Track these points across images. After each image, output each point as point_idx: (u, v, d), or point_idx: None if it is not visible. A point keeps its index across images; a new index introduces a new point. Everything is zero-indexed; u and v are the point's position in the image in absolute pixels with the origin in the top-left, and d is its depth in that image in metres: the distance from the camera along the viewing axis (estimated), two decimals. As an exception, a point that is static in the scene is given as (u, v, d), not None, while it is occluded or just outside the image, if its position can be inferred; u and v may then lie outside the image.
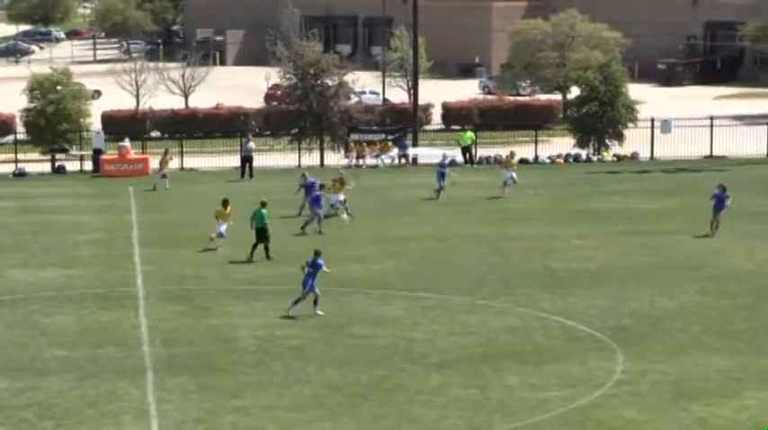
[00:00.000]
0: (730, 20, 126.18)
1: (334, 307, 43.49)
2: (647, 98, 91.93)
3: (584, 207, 63.09)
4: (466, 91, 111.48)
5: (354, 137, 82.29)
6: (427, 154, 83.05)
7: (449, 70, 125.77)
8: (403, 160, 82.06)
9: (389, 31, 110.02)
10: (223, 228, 52.38)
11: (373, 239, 54.14)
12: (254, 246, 50.99)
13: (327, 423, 32.10)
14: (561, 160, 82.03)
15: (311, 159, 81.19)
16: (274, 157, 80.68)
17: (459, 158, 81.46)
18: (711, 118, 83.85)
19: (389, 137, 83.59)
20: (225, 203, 52.83)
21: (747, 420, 31.89)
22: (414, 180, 72.97)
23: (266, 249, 51.04)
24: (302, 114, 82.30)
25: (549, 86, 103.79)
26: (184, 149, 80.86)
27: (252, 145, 77.00)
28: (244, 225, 51.65)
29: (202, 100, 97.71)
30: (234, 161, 77.43)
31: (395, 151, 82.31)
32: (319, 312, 41.74)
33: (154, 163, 74.71)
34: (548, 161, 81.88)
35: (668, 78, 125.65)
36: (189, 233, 56.57)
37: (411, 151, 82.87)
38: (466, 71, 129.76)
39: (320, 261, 41.98)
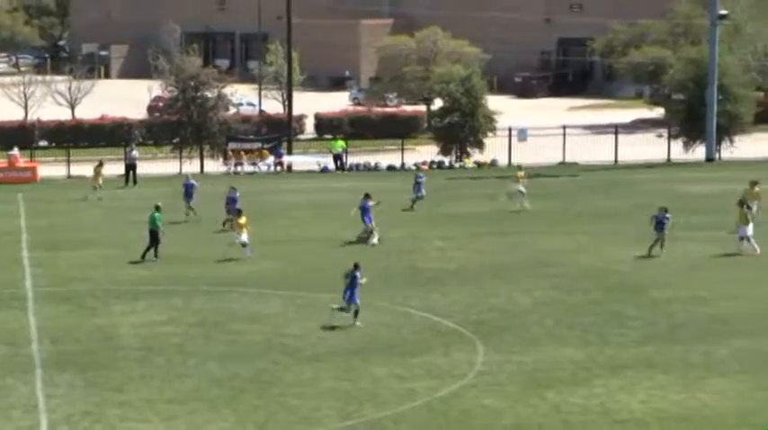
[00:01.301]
0: (580, 36, 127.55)
1: (213, 305, 43.36)
2: (505, 109, 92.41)
3: (446, 210, 63.26)
4: (337, 102, 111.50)
5: (233, 145, 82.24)
6: (301, 161, 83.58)
7: (321, 83, 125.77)
8: (278, 167, 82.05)
9: (265, 47, 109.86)
10: (243, 237, 50.47)
11: (251, 242, 53.83)
12: (147, 248, 50.68)
13: (208, 414, 31.86)
14: (426, 167, 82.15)
15: (192, 167, 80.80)
16: (157, 165, 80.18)
17: (332, 166, 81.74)
18: (564, 127, 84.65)
19: (266, 145, 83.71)
20: (239, 213, 51.34)
21: (597, 406, 32.13)
22: (288, 185, 72.98)
23: (155, 249, 50.64)
24: (183, 124, 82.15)
25: (414, 98, 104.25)
26: (71, 158, 79.99)
27: (135, 153, 76.55)
28: (124, 228, 51.18)
29: (88, 111, 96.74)
30: (118, 169, 76.72)
31: (271, 158, 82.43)
32: (358, 324, 39.74)
33: (42, 171, 73.95)
34: (413, 167, 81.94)
35: (524, 90, 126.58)
36: (75, 237, 56.09)
37: (286, 159, 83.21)
38: (337, 84, 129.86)
39: (357, 273, 40.30)
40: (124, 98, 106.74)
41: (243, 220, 50.25)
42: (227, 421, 31.44)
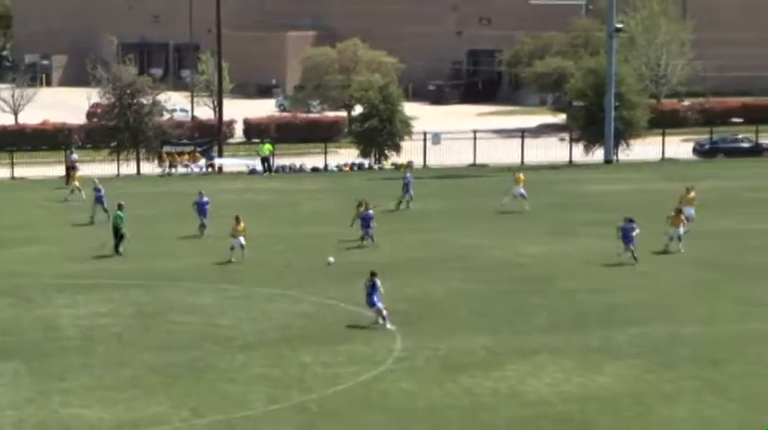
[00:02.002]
0: (489, 48, 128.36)
1: (151, 297, 43.15)
2: (420, 115, 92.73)
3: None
4: (264, 108, 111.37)
5: (167, 148, 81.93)
6: (231, 163, 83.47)
7: (249, 91, 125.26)
8: (210, 169, 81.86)
9: (197, 57, 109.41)
10: (241, 240, 48.78)
11: (185, 238, 53.70)
12: (116, 244, 50.55)
13: (145, 400, 31.75)
14: (347, 168, 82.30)
15: (129, 169, 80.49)
16: (96, 167, 79.59)
17: (259, 167, 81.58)
18: (474, 131, 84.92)
19: (198, 148, 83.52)
20: (237, 220, 49.25)
21: (506, 389, 32.36)
22: (220, 186, 72.60)
23: (117, 245, 50.39)
24: (120, 129, 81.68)
25: (335, 105, 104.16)
26: (14, 161, 79.26)
27: (75, 156, 76.04)
28: (65, 226, 50.69)
29: (31, 117, 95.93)
30: (59, 171, 76.15)
31: (203, 161, 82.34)
32: (389, 327, 38.25)
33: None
34: (336, 169, 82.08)
35: (437, 98, 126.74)
36: (19, 235, 55.47)
37: (217, 161, 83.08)
38: (264, 91, 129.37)
39: (376, 281, 39.14)
40: (64, 105, 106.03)
41: (241, 226, 48.87)
42: (164, 406, 31.35)
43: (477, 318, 39.84)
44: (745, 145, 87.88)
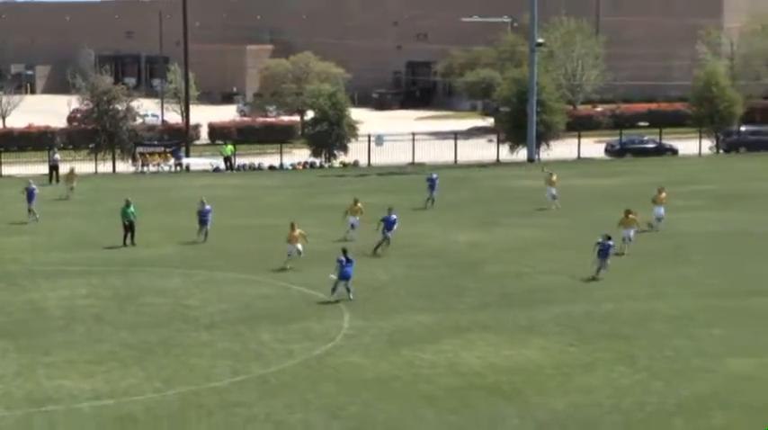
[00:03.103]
0: (426, 60, 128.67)
1: (126, 281, 42.88)
2: (365, 119, 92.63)
3: (319, 202, 63.25)
4: (226, 114, 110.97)
5: (140, 149, 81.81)
6: (197, 162, 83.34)
7: (213, 98, 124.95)
8: (178, 167, 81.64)
9: (166, 67, 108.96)
10: (298, 247, 44.69)
11: (157, 229, 53.35)
12: (125, 236, 49.97)
13: (121, 372, 31.52)
14: (301, 166, 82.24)
15: (106, 167, 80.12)
16: (76, 166, 78.98)
17: (222, 166, 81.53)
18: (413, 134, 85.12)
19: (167, 149, 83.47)
20: (292, 226, 44.91)
21: (443, 361, 32.31)
22: (187, 183, 72.51)
23: (131, 237, 49.86)
24: (98, 132, 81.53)
25: (290, 110, 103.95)
26: (2, 160, 78.65)
27: (57, 156, 75.80)
28: (49, 218, 50.18)
29: (17, 121, 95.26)
30: (43, 169, 75.60)
31: (172, 160, 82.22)
32: (351, 297, 39.10)
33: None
34: (290, 167, 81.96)
35: (380, 104, 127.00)
36: (8, 227, 55.18)
37: (184, 160, 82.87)
38: (226, 98, 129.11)
39: (348, 257, 39.58)
40: (47, 110, 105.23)
41: (296, 232, 44.63)
42: (138, 378, 31.12)
43: (416, 299, 39.80)
44: (650, 145, 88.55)
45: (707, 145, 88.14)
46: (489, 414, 28.13)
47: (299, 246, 44.49)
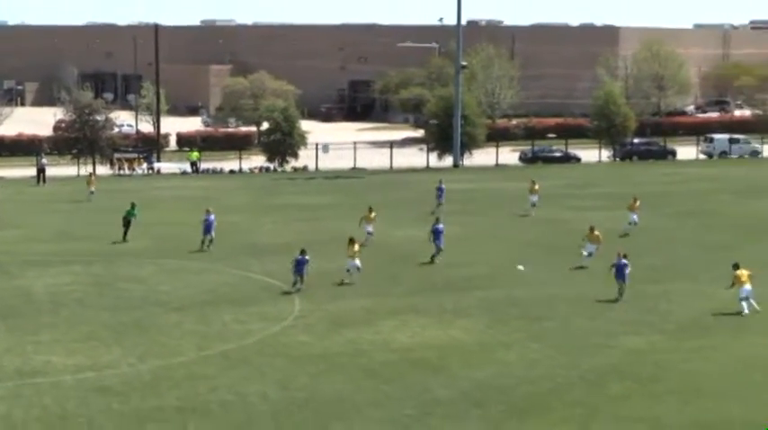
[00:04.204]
0: (366, 79, 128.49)
1: (105, 270, 42.57)
2: (313, 130, 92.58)
3: (273, 202, 63.10)
4: (192, 125, 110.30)
5: (117, 155, 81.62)
6: (167, 166, 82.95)
7: (181, 110, 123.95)
8: (150, 171, 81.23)
9: (140, 84, 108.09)
10: (357, 262, 39.81)
11: (135, 224, 52.80)
12: (125, 233, 49.17)
13: (101, 349, 31.28)
14: (257, 170, 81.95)
15: (88, 171, 79.30)
16: (61, 169, 78.53)
17: (189, 169, 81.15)
18: (355, 143, 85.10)
19: (141, 155, 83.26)
20: (352, 241, 40.25)
21: (380, 340, 32.34)
22: (159, 184, 71.99)
23: (124, 233, 48.98)
24: (80, 140, 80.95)
25: (248, 122, 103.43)
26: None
27: (45, 161, 75.04)
28: (37, 216, 49.38)
29: (8, 130, 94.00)
30: (32, 172, 74.75)
31: (145, 165, 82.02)
32: (301, 287, 38.22)
33: None
34: (248, 171, 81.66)
35: (326, 117, 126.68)
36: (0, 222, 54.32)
37: (156, 165, 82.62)
38: (192, 111, 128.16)
39: (305, 257, 38.43)
40: (36, 121, 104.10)
41: (355, 247, 39.94)
42: (115, 354, 30.89)
43: (358, 286, 39.66)
44: (558, 154, 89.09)
45: (605, 154, 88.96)
46: (419, 384, 28.18)
47: (358, 262, 39.81)
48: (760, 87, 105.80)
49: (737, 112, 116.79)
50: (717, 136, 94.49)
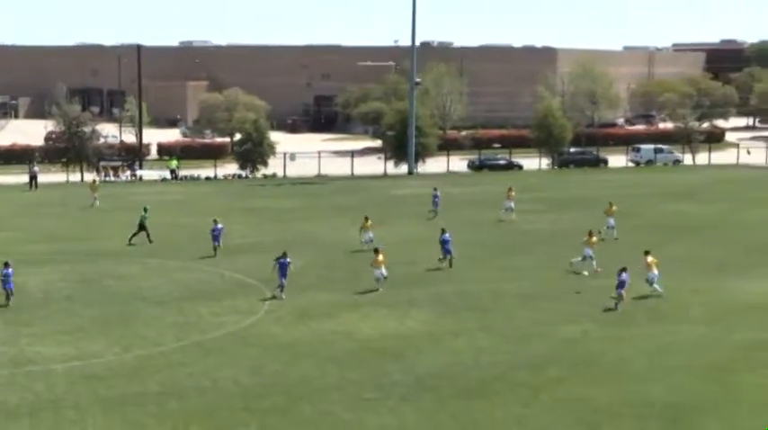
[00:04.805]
0: (329, 95, 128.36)
1: (92, 268, 42.15)
2: (281, 140, 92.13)
3: (244, 206, 62.81)
4: (172, 135, 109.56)
5: (103, 163, 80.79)
6: (148, 173, 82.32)
7: (161, 123, 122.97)
8: (133, 177, 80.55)
9: (124, 99, 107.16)
10: (383, 271, 37.89)
11: (120, 226, 52.48)
12: (134, 234, 48.08)
13: (89, 341, 31.08)
14: (230, 177, 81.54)
15: (75, 177, 78.76)
16: (51, 176, 77.81)
17: (169, 176, 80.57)
18: (319, 152, 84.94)
19: (125, 163, 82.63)
20: (376, 251, 38.76)
21: (343, 330, 32.34)
22: (141, 190, 71.41)
23: (147, 235, 47.90)
24: (69, 149, 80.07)
25: (222, 133, 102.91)
26: (-8, 171, 77.07)
27: (36, 168, 74.16)
28: (31, 218, 48.92)
29: (3, 140, 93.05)
30: (25, 179, 73.99)
31: (128, 172, 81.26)
32: (283, 296, 36.25)
33: None
34: (222, 178, 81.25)
35: (293, 129, 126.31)
36: (-4, 224, 53.91)
37: (138, 172, 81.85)
38: (172, 123, 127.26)
39: (286, 259, 36.64)
40: (28, 132, 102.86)
41: (381, 257, 38.03)
42: (101, 344, 30.71)
43: (323, 281, 39.72)
44: (502, 162, 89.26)
45: (545, 162, 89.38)
46: (378, 370, 28.21)
47: (384, 271, 37.91)
48: (681, 103, 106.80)
49: (661, 125, 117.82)
50: (643, 146, 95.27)
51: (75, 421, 24.29)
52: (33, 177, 72.82)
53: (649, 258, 37.12)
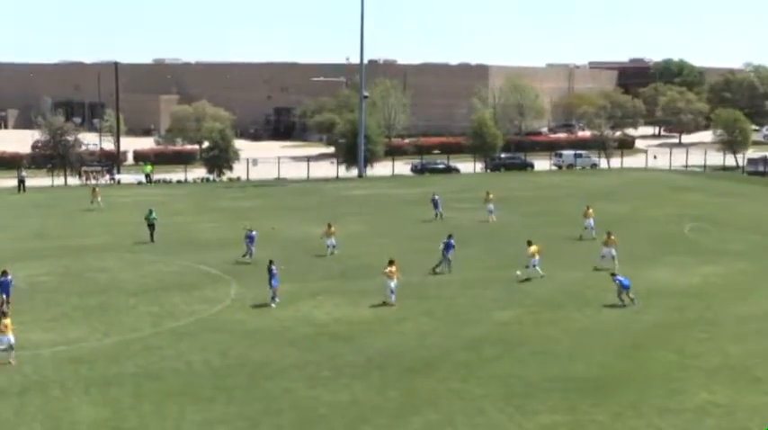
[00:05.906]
0: (288, 106, 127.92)
1: (74, 262, 41.47)
2: (245, 147, 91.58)
3: (212, 205, 62.25)
4: (146, 143, 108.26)
5: (85, 168, 79.62)
6: (126, 178, 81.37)
7: (137, 132, 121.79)
8: (112, 181, 79.56)
9: (103, 111, 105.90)
10: (392, 284, 33.60)
11: (98, 224, 51.73)
12: (151, 234, 46.86)
13: (72, 327, 30.61)
14: (199, 180, 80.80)
15: (60, 181, 77.50)
16: (38, 180, 76.54)
17: (144, 180, 79.69)
18: (279, 158, 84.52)
19: (104, 168, 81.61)
20: (391, 262, 34.11)
21: (301, 316, 32.12)
22: (119, 192, 70.48)
23: (152, 235, 46.78)
24: (54, 156, 78.74)
25: (192, 141, 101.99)
26: (-17, 176, 75.57)
27: (24, 173, 73.03)
28: (20, 219, 48.06)
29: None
30: (13, 183, 72.71)
31: (108, 176, 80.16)
32: (273, 305, 33.31)
33: None
34: (192, 181, 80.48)
35: (256, 137, 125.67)
36: (-13, 223, 52.82)
37: (116, 176, 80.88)
38: (146, 132, 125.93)
39: (273, 267, 33.57)
40: (17, 140, 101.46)
41: (393, 268, 33.83)
42: (84, 331, 30.24)
43: (282, 273, 38.91)
44: (441, 166, 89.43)
45: (479, 166, 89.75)
46: (333, 352, 28.08)
47: (393, 283, 33.69)
48: (597, 114, 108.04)
49: (580, 133, 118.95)
50: (565, 152, 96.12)
51: (61, 399, 23.91)
52: (21, 181, 71.68)
53: (532, 248, 38.21)
